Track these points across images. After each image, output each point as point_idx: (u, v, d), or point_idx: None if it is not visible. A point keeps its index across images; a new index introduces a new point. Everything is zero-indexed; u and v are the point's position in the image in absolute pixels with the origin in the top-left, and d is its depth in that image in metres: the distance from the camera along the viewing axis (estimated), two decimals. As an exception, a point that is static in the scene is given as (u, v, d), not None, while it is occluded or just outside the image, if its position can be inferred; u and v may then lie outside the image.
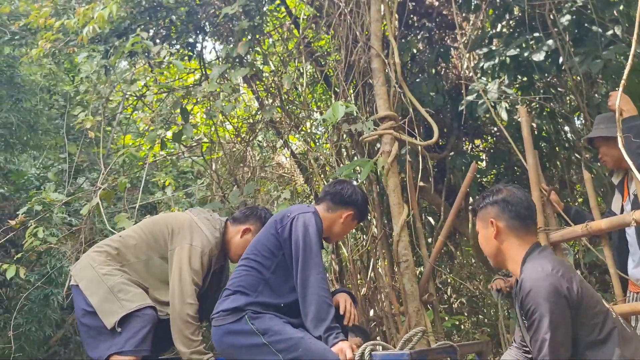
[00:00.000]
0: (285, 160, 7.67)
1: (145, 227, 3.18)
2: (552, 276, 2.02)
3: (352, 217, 3.00)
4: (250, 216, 3.30)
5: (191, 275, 2.97)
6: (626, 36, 4.15)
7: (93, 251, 3.11)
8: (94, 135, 4.29)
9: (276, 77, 5.87)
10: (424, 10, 5.76)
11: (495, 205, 2.30)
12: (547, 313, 1.97)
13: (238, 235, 3.23)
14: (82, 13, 4.18)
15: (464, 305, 6.53)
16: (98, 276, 2.94)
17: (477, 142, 6.62)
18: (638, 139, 2.72)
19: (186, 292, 2.94)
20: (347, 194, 2.99)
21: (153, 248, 3.09)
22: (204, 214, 3.25)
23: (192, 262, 2.99)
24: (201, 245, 3.05)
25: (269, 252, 2.74)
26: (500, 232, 2.26)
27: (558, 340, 1.98)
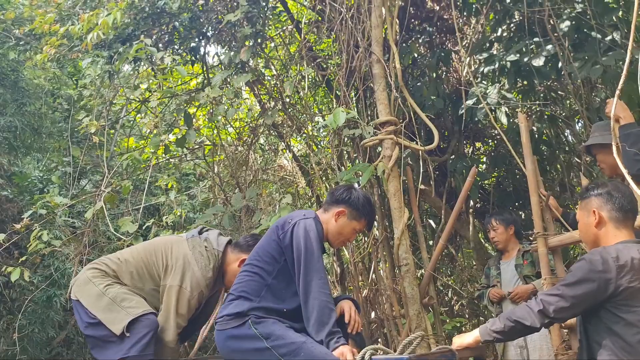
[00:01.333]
0: (287, 162, 7.71)
1: (143, 255, 3.19)
2: (608, 259, 2.18)
3: (345, 215, 2.95)
4: (253, 247, 3.16)
5: (176, 320, 3.03)
6: (625, 42, 4.17)
7: (91, 268, 3.12)
8: (98, 140, 4.33)
9: (278, 80, 5.91)
10: (424, 14, 5.80)
11: (600, 197, 2.44)
12: (579, 273, 2.19)
13: (236, 264, 3.22)
14: (86, 19, 4.22)
15: (464, 308, 6.57)
16: (99, 290, 2.98)
17: (477, 145, 6.65)
18: (635, 147, 2.76)
19: (168, 337, 3.02)
20: (339, 193, 3.01)
21: (147, 280, 3.14)
22: (200, 247, 3.21)
23: (180, 306, 3.04)
24: (190, 288, 3.07)
25: (271, 257, 2.78)
26: (601, 221, 2.40)
27: (567, 293, 2.20)
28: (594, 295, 2.17)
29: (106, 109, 4.91)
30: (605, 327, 2.19)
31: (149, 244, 3.29)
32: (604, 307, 2.19)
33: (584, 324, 2.32)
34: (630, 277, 2.15)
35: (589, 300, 2.19)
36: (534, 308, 2.26)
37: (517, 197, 5.76)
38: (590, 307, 2.21)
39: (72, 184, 5.32)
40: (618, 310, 2.15)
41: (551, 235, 3.32)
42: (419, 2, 5.71)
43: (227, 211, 4.46)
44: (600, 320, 2.21)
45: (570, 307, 2.20)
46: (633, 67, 2.61)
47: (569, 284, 2.21)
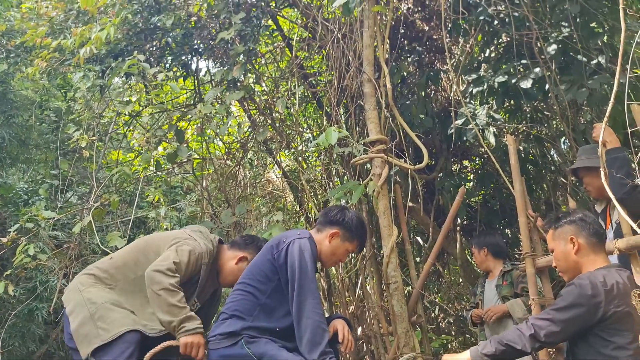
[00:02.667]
0: (275, 177, 7.72)
1: (137, 246, 3.16)
2: (597, 283, 2.23)
3: (339, 236, 2.99)
4: (250, 245, 3.27)
5: (173, 259, 2.88)
6: (610, 66, 4.27)
7: (83, 274, 3.07)
8: (88, 154, 4.31)
9: (268, 96, 5.94)
10: (414, 34, 5.87)
11: (574, 224, 2.50)
12: (570, 298, 2.24)
13: (233, 261, 3.20)
14: (78, 33, 4.23)
15: (451, 325, 6.59)
16: (83, 300, 2.89)
17: (465, 162, 6.72)
18: (621, 171, 2.82)
19: (167, 266, 2.85)
20: (333, 213, 3.04)
21: (142, 264, 3.03)
22: (198, 227, 3.26)
23: (179, 253, 2.93)
24: (192, 246, 3.02)
25: (264, 277, 2.78)
26: (580, 248, 2.45)
27: (557, 317, 2.24)
28: (584, 319, 2.21)
29: (95, 122, 4.90)
30: (594, 352, 2.22)
31: (143, 238, 3.27)
32: (592, 332, 2.22)
33: (572, 348, 2.35)
34: (617, 302, 2.19)
35: (579, 324, 2.22)
36: (525, 332, 2.29)
37: (503, 215, 5.82)
38: (579, 332, 2.25)
39: (60, 197, 5.27)
40: (606, 334, 2.19)
41: (539, 256, 3.36)
42: (409, 22, 5.79)
43: (217, 228, 4.45)
44: (589, 345, 2.24)
45: (560, 331, 2.23)
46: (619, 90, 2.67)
47: (560, 309, 2.25)
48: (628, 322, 2.20)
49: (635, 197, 2.83)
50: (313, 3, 5.77)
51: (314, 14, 5.14)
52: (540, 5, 4.82)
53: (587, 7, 4.40)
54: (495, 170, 4.93)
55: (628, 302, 2.21)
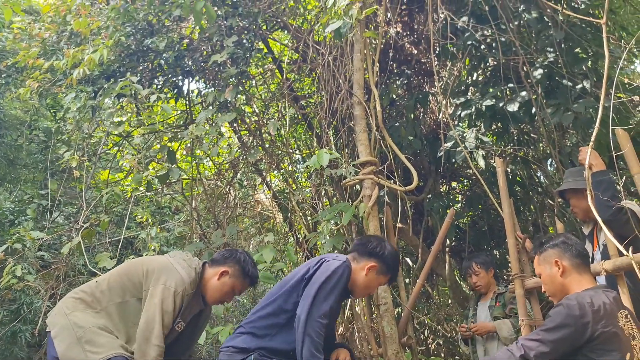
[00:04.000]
0: (265, 198, 7.73)
1: (122, 270, 3.13)
2: (585, 304, 2.26)
3: (376, 270, 2.97)
4: (229, 258, 3.24)
5: (162, 316, 2.88)
6: (594, 90, 4.38)
7: (69, 297, 3.03)
8: (79, 174, 4.30)
9: (259, 118, 5.98)
10: (403, 57, 5.98)
11: (557, 247, 2.56)
12: (558, 319, 2.26)
13: (215, 278, 3.17)
14: (71, 55, 4.25)
15: (440, 347, 6.57)
16: (69, 324, 2.86)
17: (453, 184, 6.79)
18: (606, 194, 2.88)
19: (154, 333, 2.85)
20: (372, 245, 3.01)
21: (128, 289, 3.02)
22: (181, 255, 3.21)
23: (165, 303, 2.91)
24: (174, 285, 2.98)
25: (292, 295, 2.78)
26: (565, 270, 2.50)
27: (547, 338, 2.26)
28: (572, 339, 2.24)
29: (85, 142, 4.90)
30: None
31: (128, 262, 3.23)
32: (581, 352, 2.25)
33: None
34: (605, 322, 2.23)
35: (568, 345, 2.25)
36: (516, 353, 2.31)
37: (492, 236, 5.86)
38: (568, 352, 2.27)
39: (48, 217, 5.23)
40: (595, 354, 2.22)
41: (528, 277, 3.40)
42: (398, 46, 5.89)
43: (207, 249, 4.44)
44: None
45: (550, 351, 2.26)
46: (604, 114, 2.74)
47: (549, 329, 2.28)
48: (615, 342, 2.22)
49: (620, 219, 2.88)
50: (304, 26, 5.86)
51: (304, 37, 5.22)
52: (526, 31, 4.94)
53: (571, 33, 4.53)
54: (484, 192, 5.00)
55: (615, 322, 2.25)
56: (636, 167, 2.85)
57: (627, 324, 2.28)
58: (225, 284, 3.15)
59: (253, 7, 4.78)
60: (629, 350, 2.22)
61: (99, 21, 4.52)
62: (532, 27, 4.86)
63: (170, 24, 4.82)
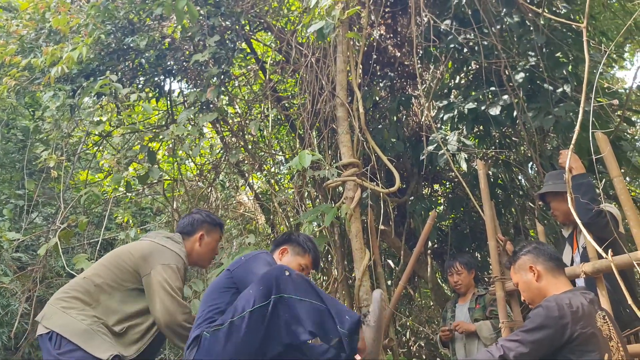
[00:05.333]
0: (247, 199, 7.68)
1: (108, 262, 3.06)
2: (563, 305, 2.28)
3: (287, 252, 3.00)
4: (195, 224, 3.32)
5: (175, 291, 2.92)
6: (575, 94, 4.42)
7: (59, 298, 2.95)
8: (57, 174, 4.22)
9: (241, 118, 5.94)
10: (386, 60, 5.99)
11: (530, 253, 2.62)
12: (538, 320, 2.28)
13: (197, 244, 3.27)
14: (49, 52, 4.17)
15: (422, 349, 6.59)
16: (74, 319, 2.81)
17: (436, 186, 6.81)
18: (586, 197, 2.90)
19: (177, 307, 2.88)
20: (282, 236, 3.11)
21: (123, 280, 2.98)
22: (162, 234, 3.23)
23: (171, 279, 2.94)
24: (174, 261, 3.02)
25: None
26: (540, 275, 2.54)
27: (526, 339, 2.28)
28: (552, 340, 2.25)
29: (64, 142, 4.81)
30: None
31: (111, 254, 3.16)
32: (561, 354, 2.26)
33: None
34: (583, 323, 2.25)
35: (548, 345, 2.26)
36: (495, 354, 2.32)
37: (473, 238, 5.89)
38: (547, 354, 2.28)
39: (25, 218, 5.13)
40: (574, 355, 2.23)
41: (508, 279, 3.40)
42: (381, 48, 5.90)
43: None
44: None
45: (529, 352, 2.27)
46: (584, 118, 2.77)
47: (528, 330, 2.29)
48: (594, 343, 2.25)
49: (600, 222, 2.91)
50: (287, 27, 5.85)
51: (288, 38, 5.20)
52: (508, 35, 4.98)
53: (552, 37, 4.57)
54: (466, 195, 5.02)
55: (593, 323, 2.27)
56: (615, 170, 2.87)
57: (605, 325, 2.31)
58: (208, 244, 3.31)
59: (236, 7, 4.75)
60: (607, 350, 2.24)
61: (78, 19, 4.44)
62: (514, 31, 4.90)
63: (151, 22, 4.76)
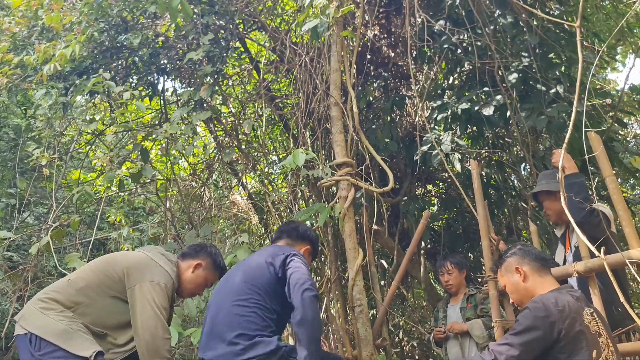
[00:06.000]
0: (240, 199, 7.67)
1: (96, 267, 3.03)
2: (550, 305, 2.29)
3: (309, 252, 3.14)
4: (200, 252, 3.29)
5: (159, 311, 2.86)
6: (567, 95, 4.44)
7: (39, 299, 2.91)
8: (48, 172, 4.19)
9: (235, 118, 5.93)
10: (380, 60, 5.99)
11: (515, 255, 2.64)
12: (526, 322, 2.29)
13: (189, 271, 3.20)
14: (42, 50, 4.15)
15: (415, 349, 6.60)
16: (52, 320, 2.77)
17: (429, 187, 6.82)
18: (579, 196, 2.91)
19: (160, 328, 2.83)
20: (304, 230, 3.17)
21: (107, 287, 2.93)
22: (157, 249, 3.19)
23: (158, 298, 2.89)
24: (164, 280, 2.98)
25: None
26: (527, 275, 2.56)
27: (515, 341, 2.29)
28: (541, 340, 2.26)
29: (56, 140, 4.78)
30: None
31: (101, 259, 3.13)
32: (550, 353, 2.26)
33: None
34: (570, 321, 2.26)
35: (538, 346, 2.27)
36: (487, 358, 2.33)
37: (466, 239, 5.91)
38: (539, 355, 2.29)
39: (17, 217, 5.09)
40: (563, 354, 2.24)
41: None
42: (375, 49, 5.90)
43: (180, 249, 4.36)
44: None
45: (520, 354, 2.27)
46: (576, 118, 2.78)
47: (517, 333, 2.30)
48: (582, 340, 2.26)
49: (592, 221, 2.92)
50: (281, 27, 5.84)
51: (282, 38, 5.20)
52: (502, 36, 4.99)
53: (545, 38, 4.59)
54: (459, 195, 5.03)
55: (581, 320, 2.29)
56: (607, 169, 2.89)
57: (593, 321, 2.33)
58: (199, 276, 3.22)
59: (230, 6, 4.74)
60: (597, 347, 2.26)
61: (71, 16, 4.42)
62: (508, 31, 4.91)
63: (145, 20, 4.74)
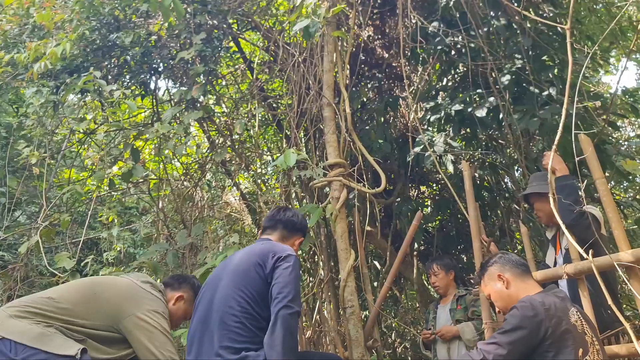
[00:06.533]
0: (233, 199, 7.65)
1: (82, 290, 2.87)
2: (537, 304, 2.31)
3: (300, 242, 3.04)
4: (183, 283, 3.22)
5: (168, 336, 2.81)
6: (560, 97, 4.44)
7: (11, 307, 2.74)
8: (39, 171, 4.16)
9: (228, 118, 5.91)
10: (374, 61, 5.99)
11: (497, 263, 2.67)
12: (513, 321, 2.30)
13: (171, 302, 3.12)
14: (33, 48, 4.12)
15: (407, 350, 6.59)
16: (29, 325, 2.63)
17: (422, 188, 6.82)
18: (569, 198, 2.91)
19: (175, 354, 2.77)
20: (300, 219, 3.06)
21: (96, 316, 2.77)
22: (143, 277, 3.08)
23: (162, 324, 2.82)
24: (161, 308, 2.91)
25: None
26: (509, 281, 2.58)
27: (503, 340, 2.30)
28: (528, 339, 2.27)
29: (47, 139, 4.75)
30: None
31: (84, 283, 2.98)
32: (537, 352, 2.27)
33: None
34: (556, 320, 2.28)
35: (525, 345, 2.28)
36: (475, 357, 2.35)
37: (459, 240, 5.91)
38: (525, 353, 2.29)
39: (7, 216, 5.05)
40: (550, 352, 2.24)
41: (492, 280, 3.41)
42: (369, 49, 5.90)
43: (172, 249, 4.34)
44: None
45: (507, 353, 2.28)
46: (568, 120, 2.78)
47: (505, 332, 2.32)
48: (569, 339, 2.27)
49: (582, 224, 2.92)
50: (275, 27, 5.83)
51: (275, 38, 5.19)
52: (495, 38, 5.00)
53: (538, 41, 4.60)
54: (452, 197, 5.03)
55: (567, 319, 2.30)
56: (598, 172, 2.89)
57: (579, 320, 2.34)
58: (180, 308, 3.16)
59: (223, 5, 4.72)
60: (583, 345, 2.27)
61: (63, 14, 4.39)
62: (501, 33, 4.92)
63: (137, 19, 4.72)
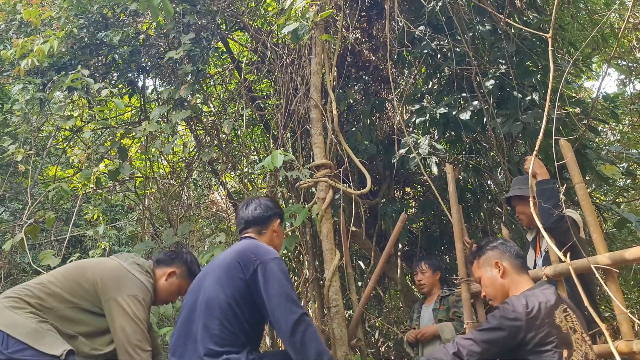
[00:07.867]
0: (220, 199, 7.66)
1: (68, 273, 2.94)
2: (519, 307, 2.31)
3: (279, 223, 2.96)
4: (176, 259, 3.23)
5: (142, 324, 2.83)
6: (543, 102, 4.53)
7: (7, 297, 2.81)
8: (24, 169, 4.15)
9: (216, 117, 5.93)
10: (361, 63, 6.04)
11: (496, 249, 2.63)
12: (493, 321, 2.33)
13: (163, 278, 3.14)
14: (20, 44, 4.11)
15: (390, 349, 6.65)
16: (21, 318, 2.69)
17: (407, 189, 6.90)
18: (550, 202, 2.98)
19: (144, 341, 2.80)
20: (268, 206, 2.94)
21: (80, 297, 2.86)
22: (132, 258, 3.12)
23: (138, 312, 2.84)
24: (142, 293, 2.92)
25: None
26: (506, 271, 2.56)
27: (479, 338, 2.33)
28: (504, 341, 2.31)
29: (33, 136, 4.73)
30: None
31: (74, 265, 3.04)
32: (517, 354, 2.31)
33: None
34: (539, 323, 2.29)
35: (500, 346, 2.31)
36: (450, 350, 2.38)
37: (443, 241, 5.99)
38: (501, 353, 2.33)
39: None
40: (532, 355, 2.29)
41: (474, 281, 3.47)
42: (356, 52, 5.95)
43: (158, 248, 4.36)
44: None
45: (481, 351, 2.32)
46: (549, 125, 2.85)
47: (483, 330, 2.35)
48: (552, 342, 2.28)
49: (561, 227, 2.98)
50: (263, 28, 5.86)
51: (263, 39, 5.22)
52: (480, 43, 5.08)
53: (522, 46, 4.68)
54: (436, 198, 5.10)
55: (552, 321, 2.30)
56: (577, 176, 2.96)
57: (567, 317, 2.34)
58: (173, 284, 3.16)
59: (212, 5, 4.74)
60: (568, 346, 2.28)
61: (50, 11, 4.38)
62: (486, 39, 5.00)
63: (126, 18, 4.73)
